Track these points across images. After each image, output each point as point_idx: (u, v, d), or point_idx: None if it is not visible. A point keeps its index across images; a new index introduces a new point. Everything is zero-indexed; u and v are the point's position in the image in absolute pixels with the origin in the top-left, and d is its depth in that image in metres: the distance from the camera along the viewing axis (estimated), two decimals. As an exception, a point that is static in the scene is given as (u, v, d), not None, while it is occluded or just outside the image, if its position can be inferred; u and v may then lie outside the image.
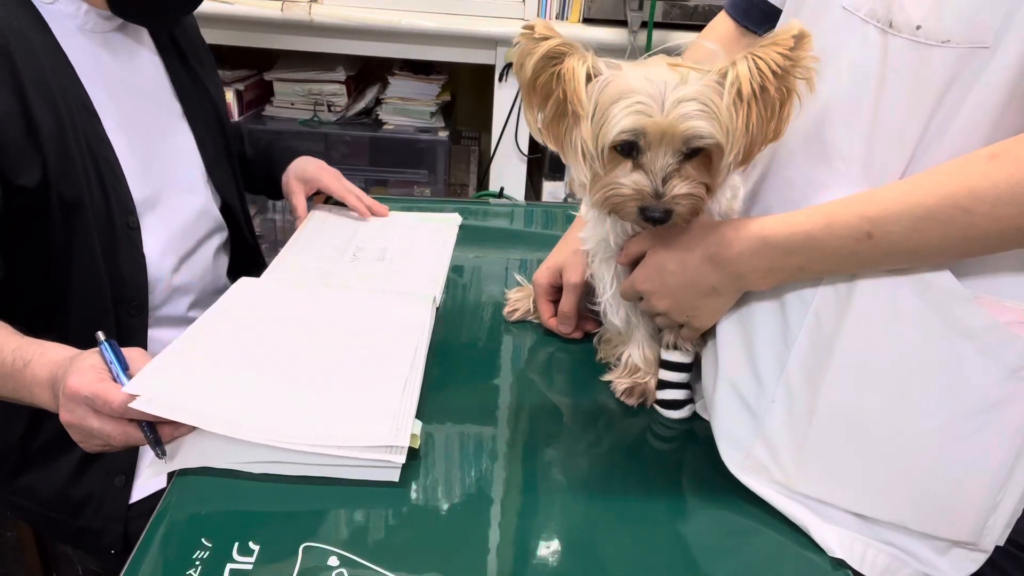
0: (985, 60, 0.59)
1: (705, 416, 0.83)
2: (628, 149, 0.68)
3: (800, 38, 0.63)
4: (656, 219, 0.68)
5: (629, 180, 0.68)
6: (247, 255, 1.20)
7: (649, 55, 0.70)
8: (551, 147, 0.73)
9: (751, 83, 0.64)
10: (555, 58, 0.67)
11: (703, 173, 0.69)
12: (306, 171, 1.25)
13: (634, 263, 0.80)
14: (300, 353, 0.83)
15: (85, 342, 0.77)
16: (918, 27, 0.60)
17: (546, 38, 0.66)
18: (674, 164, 0.67)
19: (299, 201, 1.24)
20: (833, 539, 0.68)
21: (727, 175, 0.69)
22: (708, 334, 0.80)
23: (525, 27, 0.67)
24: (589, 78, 0.67)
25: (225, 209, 1.13)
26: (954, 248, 0.61)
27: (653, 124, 0.65)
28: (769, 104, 0.65)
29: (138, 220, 0.94)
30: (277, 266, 1.07)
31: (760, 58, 0.64)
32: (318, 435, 0.70)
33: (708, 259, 0.72)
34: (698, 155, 0.68)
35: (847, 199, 0.65)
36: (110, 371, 0.71)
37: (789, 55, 0.63)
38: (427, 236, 1.20)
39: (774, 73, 0.63)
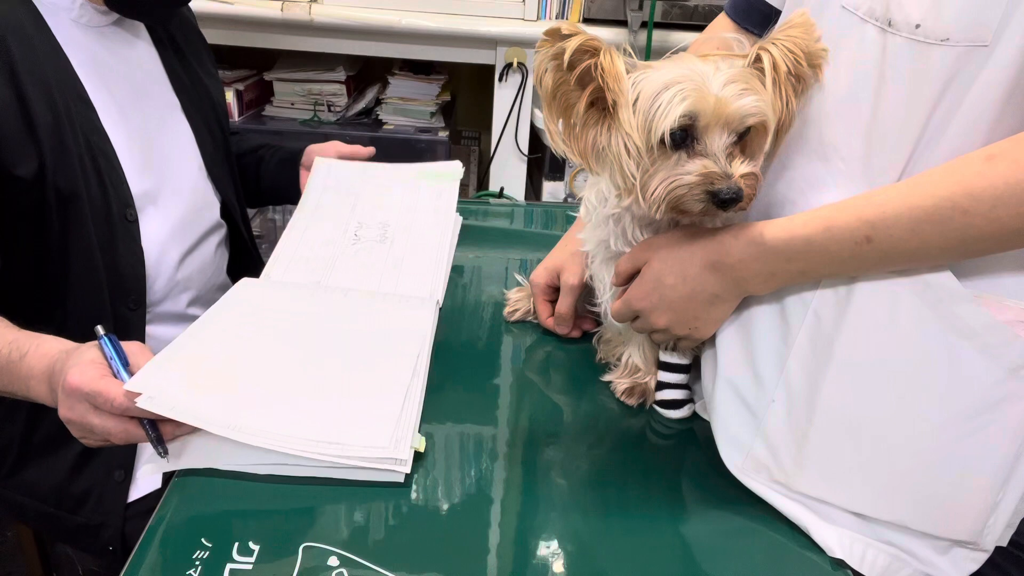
0: (984, 59, 0.59)
1: (705, 416, 0.83)
2: (682, 139, 0.66)
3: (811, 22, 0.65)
4: (729, 199, 0.66)
5: (693, 166, 0.67)
6: (244, 254, 1.19)
7: (667, 56, 0.70)
8: (574, 159, 0.72)
9: (786, 63, 0.65)
10: (586, 52, 0.66)
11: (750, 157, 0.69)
12: (310, 156, 1.24)
13: (626, 283, 0.80)
14: (302, 357, 0.83)
15: (82, 336, 0.77)
16: (917, 26, 0.60)
17: (573, 34, 0.65)
18: (730, 146, 0.67)
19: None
20: (833, 539, 0.68)
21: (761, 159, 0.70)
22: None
23: (547, 32, 0.65)
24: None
25: (223, 207, 1.12)
26: (953, 249, 0.61)
27: (710, 105, 0.64)
28: (787, 92, 0.67)
29: (136, 212, 0.94)
30: (280, 256, 1.07)
31: (785, 41, 0.65)
32: (319, 443, 0.70)
33: (709, 267, 0.72)
34: (744, 139, 0.68)
35: (845, 202, 0.65)
36: (110, 366, 0.70)
37: (809, 38, 0.65)
38: (429, 202, 1.19)
39: (804, 53, 0.65)
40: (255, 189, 1.29)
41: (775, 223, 0.69)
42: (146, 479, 0.94)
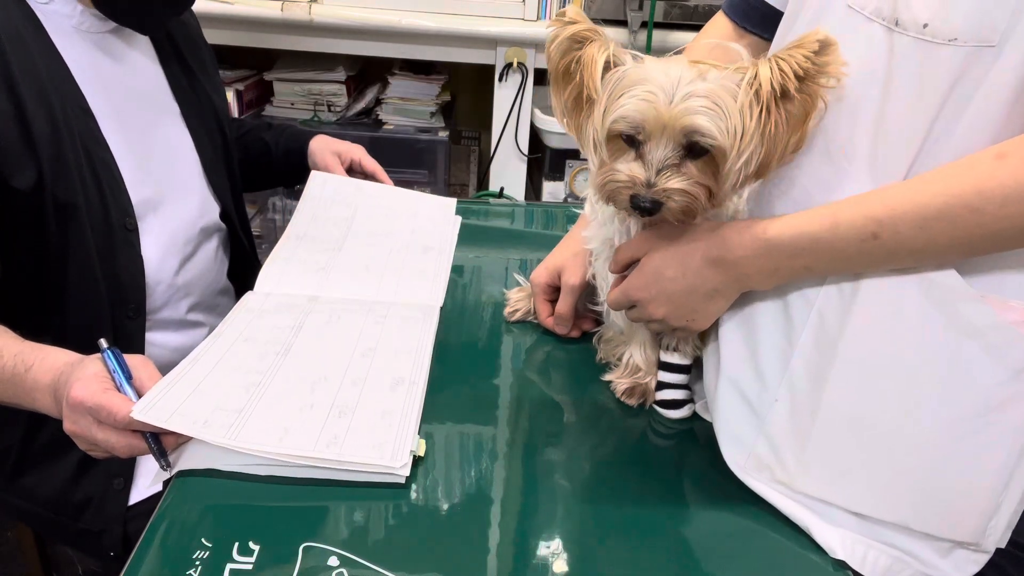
0: (991, 59, 0.58)
1: (706, 417, 0.83)
2: (632, 140, 0.68)
3: (826, 44, 0.62)
4: (643, 209, 0.68)
5: (626, 167, 0.68)
6: (244, 258, 1.19)
7: (671, 55, 0.70)
8: (571, 134, 0.74)
9: (772, 83, 0.64)
10: (580, 43, 0.68)
11: (707, 176, 0.68)
12: (339, 145, 1.29)
13: (624, 270, 0.79)
14: (303, 370, 0.83)
15: (81, 345, 0.76)
16: (925, 25, 0.60)
17: (573, 22, 0.67)
18: (674, 158, 0.67)
19: (340, 173, 1.27)
20: (835, 540, 0.68)
21: (736, 183, 0.68)
22: (710, 334, 0.80)
23: (559, 13, 0.68)
24: (608, 67, 0.68)
25: (222, 212, 1.12)
26: (960, 247, 0.61)
27: (654, 113, 0.65)
28: (792, 114, 0.65)
29: (136, 222, 0.94)
30: (276, 258, 1.07)
31: (783, 60, 0.64)
32: (317, 457, 0.70)
33: (710, 263, 0.72)
34: (704, 156, 0.67)
35: (852, 199, 0.65)
36: (113, 380, 0.71)
37: (813, 59, 0.63)
38: (428, 216, 1.21)
39: (797, 76, 0.63)
40: (263, 176, 1.32)
41: (780, 220, 0.68)
42: (150, 486, 0.94)
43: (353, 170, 1.29)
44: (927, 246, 0.61)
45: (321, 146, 1.28)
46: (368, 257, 1.10)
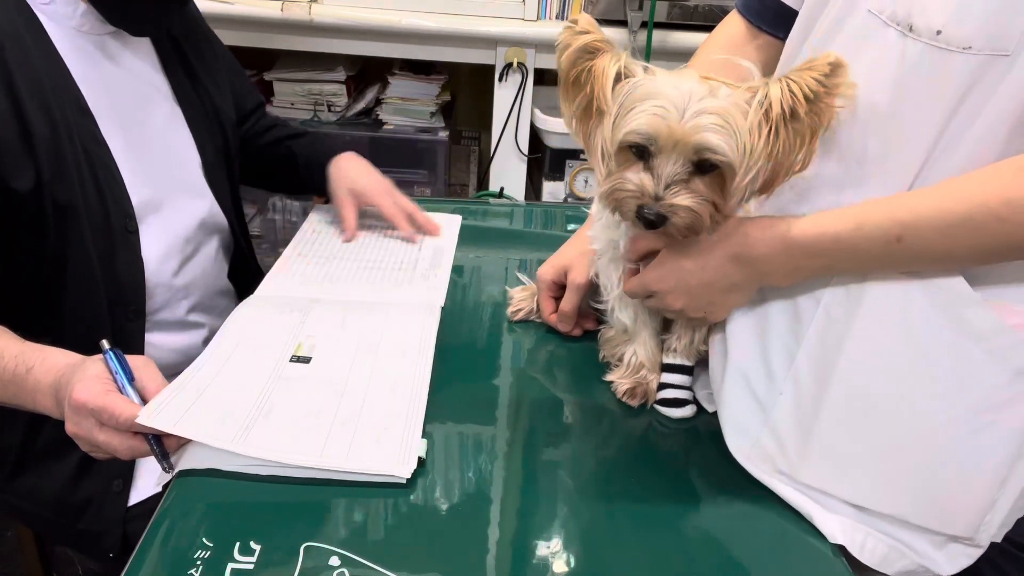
0: (1005, 68, 0.58)
1: (709, 408, 0.83)
2: (641, 152, 0.68)
3: (836, 66, 0.63)
4: (649, 221, 0.68)
5: (635, 177, 0.68)
6: (241, 260, 1.18)
7: (681, 69, 0.70)
8: (579, 143, 0.74)
9: (782, 104, 0.64)
10: (591, 53, 0.68)
11: (715, 193, 0.68)
12: (356, 184, 1.17)
13: (640, 260, 0.80)
14: (306, 374, 0.83)
15: (81, 347, 0.76)
16: (938, 32, 0.60)
17: (585, 32, 0.67)
18: (683, 174, 0.67)
19: (349, 214, 1.16)
20: (835, 526, 0.69)
21: (742, 199, 0.69)
22: (715, 326, 0.81)
23: (570, 21, 0.68)
24: (620, 78, 0.68)
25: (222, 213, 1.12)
26: (981, 254, 0.62)
27: (666, 129, 0.65)
28: (798, 133, 0.65)
29: (136, 223, 0.94)
30: (277, 273, 1.07)
31: (794, 81, 0.64)
32: (323, 459, 0.71)
33: (731, 259, 0.72)
34: (712, 172, 0.67)
35: (875, 202, 0.65)
36: (115, 381, 0.70)
37: (824, 81, 0.63)
38: (429, 242, 1.20)
39: (806, 98, 0.63)
40: (281, 181, 1.32)
41: (803, 219, 0.69)
42: (147, 485, 0.94)
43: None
44: (949, 251, 0.62)
45: (340, 176, 1.17)
46: (368, 260, 1.10)
